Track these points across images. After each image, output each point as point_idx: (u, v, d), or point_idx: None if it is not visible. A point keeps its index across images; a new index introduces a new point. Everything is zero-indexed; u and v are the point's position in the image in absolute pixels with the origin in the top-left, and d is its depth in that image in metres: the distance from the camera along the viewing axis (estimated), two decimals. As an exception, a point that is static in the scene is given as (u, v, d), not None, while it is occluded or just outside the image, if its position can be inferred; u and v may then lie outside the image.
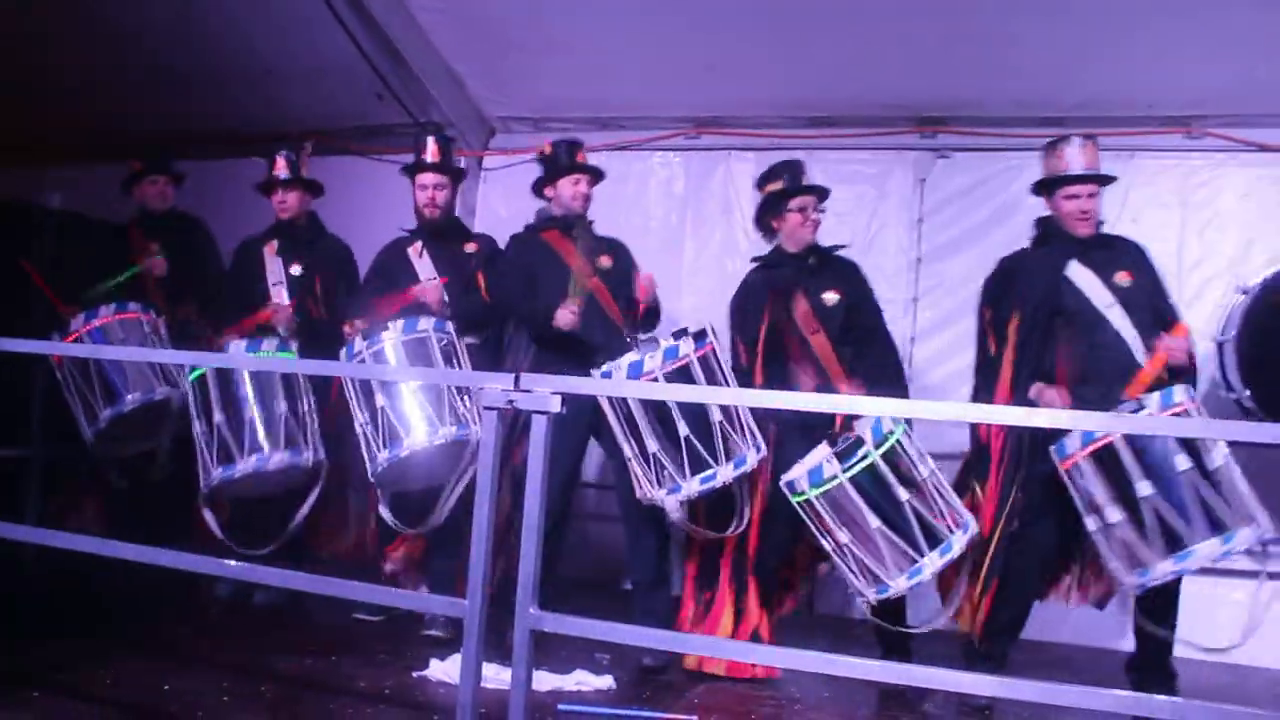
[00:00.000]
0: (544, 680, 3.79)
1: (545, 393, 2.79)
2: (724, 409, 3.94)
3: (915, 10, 5.06)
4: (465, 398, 4.19)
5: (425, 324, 4.35)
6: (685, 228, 6.20)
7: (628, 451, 4.01)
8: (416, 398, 4.16)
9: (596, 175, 4.76)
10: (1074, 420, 3.31)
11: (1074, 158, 4.10)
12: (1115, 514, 3.63)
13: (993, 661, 4.01)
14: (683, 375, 3.92)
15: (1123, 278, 4.05)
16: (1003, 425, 4.05)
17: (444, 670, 3.84)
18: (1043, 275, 4.12)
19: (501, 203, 6.52)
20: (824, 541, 3.83)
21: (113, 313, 4.84)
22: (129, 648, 3.99)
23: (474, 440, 4.05)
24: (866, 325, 4.42)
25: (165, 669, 3.71)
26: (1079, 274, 4.07)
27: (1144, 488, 3.57)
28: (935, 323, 5.65)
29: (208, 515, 4.35)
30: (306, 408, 4.49)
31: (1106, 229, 4.28)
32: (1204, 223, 5.34)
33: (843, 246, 4.58)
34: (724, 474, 3.92)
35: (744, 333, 4.44)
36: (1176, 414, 3.65)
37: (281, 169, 5.12)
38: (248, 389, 4.38)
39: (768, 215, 4.48)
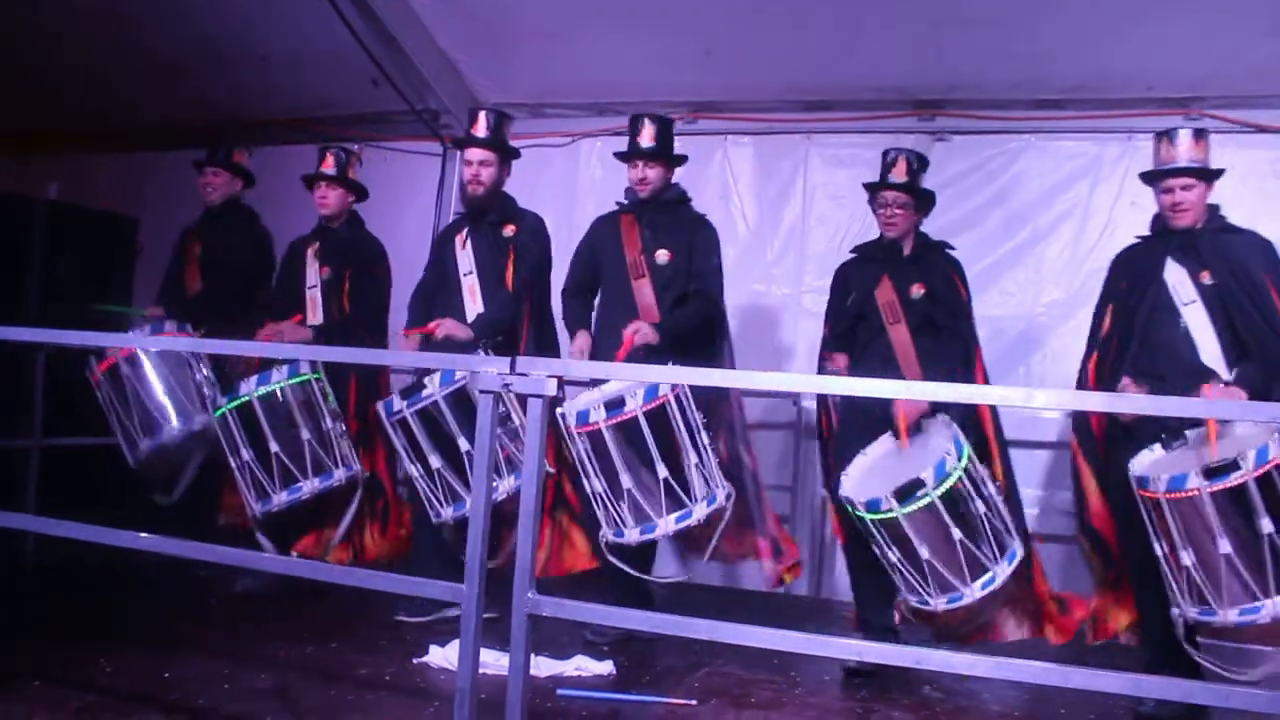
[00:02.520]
0: (543, 666, 3.80)
1: (541, 376, 2.78)
2: (696, 452, 3.94)
3: (912, -8, 5.06)
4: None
5: (462, 375, 4.29)
6: (683, 213, 6.18)
7: (597, 487, 3.96)
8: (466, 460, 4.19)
9: (662, 159, 4.57)
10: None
11: (1169, 151, 3.93)
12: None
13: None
14: (660, 416, 3.89)
15: (1205, 276, 3.86)
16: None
17: (444, 656, 3.84)
18: (1140, 268, 4.00)
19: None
20: (874, 551, 3.88)
21: (146, 334, 4.85)
22: (129, 636, 4.00)
23: None
24: (943, 322, 4.30)
25: (165, 657, 3.72)
26: (1170, 269, 3.93)
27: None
28: (934, 306, 5.64)
29: (262, 539, 4.55)
30: (329, 426, 4.60)
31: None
32: (1203, 206, 5.32)
33: (949, 246, 4.47)
34: (698, 512, 3.92)
35: (828, 318, 4.48)
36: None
37: (329, 165, 5.09)
38: (266, 426, 4.51)
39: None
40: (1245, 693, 2.42)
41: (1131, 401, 3.36)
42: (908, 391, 3.12)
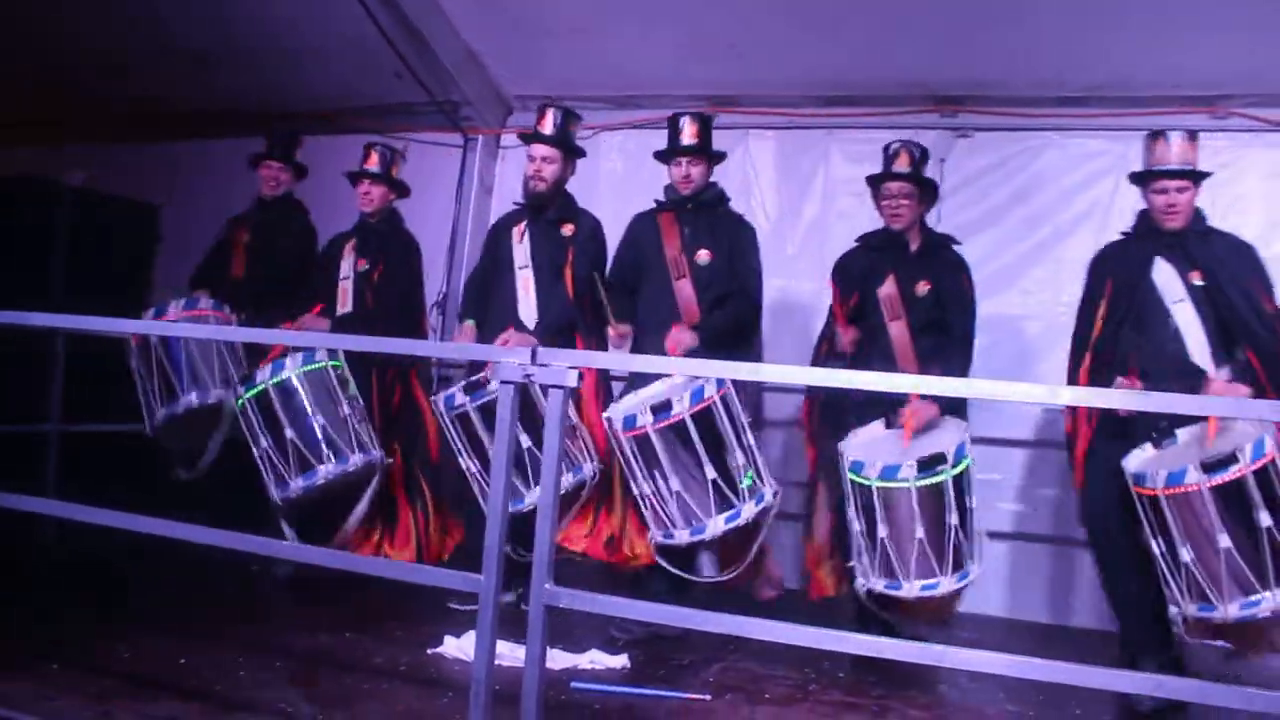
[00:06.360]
0: (558, 658, 3.79)
1: (563, 367, 2.77)
2: (744, 452, 3.98)
3: (936, -13, 5.03)
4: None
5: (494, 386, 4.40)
6: (703, 207, 6.16)
7: (645, 489, 4.00)
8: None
9: (708, 156, 4.66)
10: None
11: (1164, 152, 4.01)
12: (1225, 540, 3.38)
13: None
14: (706, 418, 3.93)
15: (1196, 277, 3.93)
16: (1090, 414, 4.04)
17: (459, 647, 3.85)
18: (1129, 267, 4.06)
19: (519, 180, 6.49)
20: (857, 524, 3.84)
21: (180, 309, 4.99)
22: (146, 622, 4.01)
23: None
24: (949, 323, 4.31)
25: (182, 643, 3.73)
26: (1159, 269, 3.99)
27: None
28: (955, 304, 5.60)
29: (285, 528, 4.57)
30: (346, 413, 4.60)
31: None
32: (1228, 204, 5.24)
33: (955, 241, 4.50)
34: (746, 511, 3.94)
35: (839, 301, 4.45)
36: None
37: (374, 163, 5.18)
38: (281, 414, 4.53)
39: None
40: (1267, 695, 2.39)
41: (1148, 399, 3.29)
42: (933, 387, 3.09)
